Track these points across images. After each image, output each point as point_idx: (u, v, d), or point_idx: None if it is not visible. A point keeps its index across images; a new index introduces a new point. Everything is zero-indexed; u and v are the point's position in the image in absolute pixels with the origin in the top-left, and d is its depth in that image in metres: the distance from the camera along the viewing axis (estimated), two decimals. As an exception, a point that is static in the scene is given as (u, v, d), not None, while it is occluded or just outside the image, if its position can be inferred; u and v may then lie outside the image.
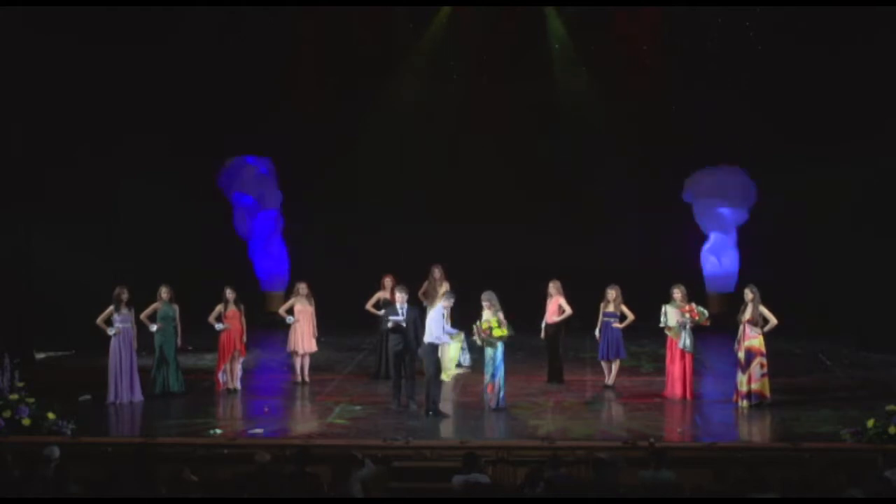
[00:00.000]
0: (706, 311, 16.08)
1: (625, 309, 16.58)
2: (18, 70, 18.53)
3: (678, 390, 15.90)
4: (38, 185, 19.10)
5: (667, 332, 16.05)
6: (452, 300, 15.60)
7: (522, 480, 11.11)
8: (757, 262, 20.93)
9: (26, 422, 13.88)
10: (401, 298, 15.61)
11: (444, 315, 15.42)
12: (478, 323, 15.30)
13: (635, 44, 22.37)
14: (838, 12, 19.54)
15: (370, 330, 17.96)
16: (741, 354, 15.42)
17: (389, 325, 15.56)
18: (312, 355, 17.27)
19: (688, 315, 15.77)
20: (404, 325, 15.41)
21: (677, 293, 16.03)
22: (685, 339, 15.84)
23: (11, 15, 18.20)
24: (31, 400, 14.14)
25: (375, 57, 22.59)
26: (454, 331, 15.81)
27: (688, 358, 15.91)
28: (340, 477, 11.04)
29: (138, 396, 15.97)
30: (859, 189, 19.73)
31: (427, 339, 15.27)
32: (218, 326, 16.49)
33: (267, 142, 22.16)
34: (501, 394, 15.35)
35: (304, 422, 15.39)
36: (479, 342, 15.50)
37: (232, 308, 16.56)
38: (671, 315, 15.93)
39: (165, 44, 20.34)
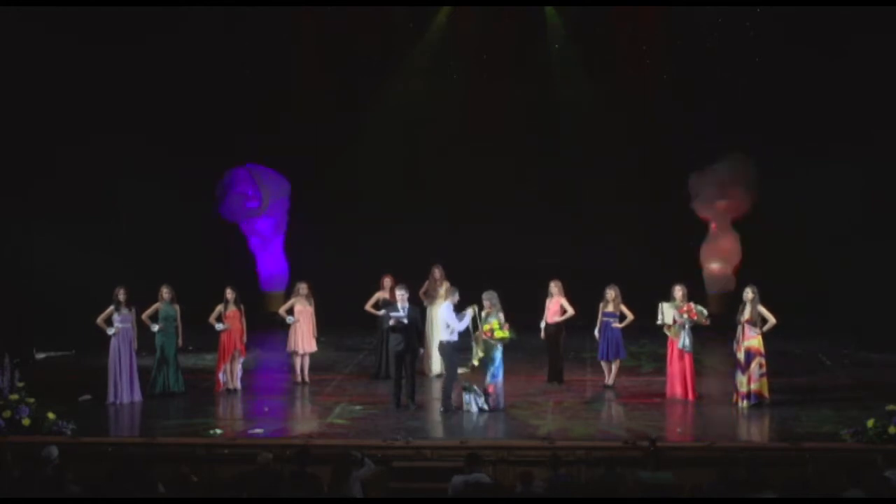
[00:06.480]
0: (705, 311, 16.04)
1: (624, 309, 16.57)
2: (19, 69, 18.54)
3: (678, 390, 15.88)
4: (38, 185, 19.10)
5: (666, 331, 16.03)
6: (457, 296, 15.61)
7: (519, 481, 11.10)
8: (757, 262, 20.94)
9: (26, 422, 13.89)
10: (401, 297, 15.62)
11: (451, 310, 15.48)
12: (478, 329, 15.32)
13: (635, 43, 22.38)
14: (839, 12, 19.54)
15: (370, 330, 17.97)
16: (740, 355, 15.41)
17: (391, 322, 15.55)
18: (312, 355, 17.27)
19: (685, 315, 15.75)
20: (405, 321, 15.41)
21: (678, 292, 15.98)
22: (684, 339, 15.82)
23: (10, 14, 18.21)
24: (31, 400, 14.16)
25: (375, 57, 22.60)
26: (465, 319, 15.68)
27: (687, 358, 15.89)
28: (340, 477, 11.03)
29: (138, 396, 15.97)
30: (859, 189, 19.73)
31: (445, 337, 15.32)
32: (218, 326, 16.49)
33: (267, 142, 22.15)
34: (501, 395, 15.36)
35: (304, 422, 15.38)
36: (480, 353, 15.46)
37: (232, 308, 16.56)
38: (668, 313, 15.88)
39: (165, 43, 20.36)
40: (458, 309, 15.51)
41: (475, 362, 15.52)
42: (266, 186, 22.24)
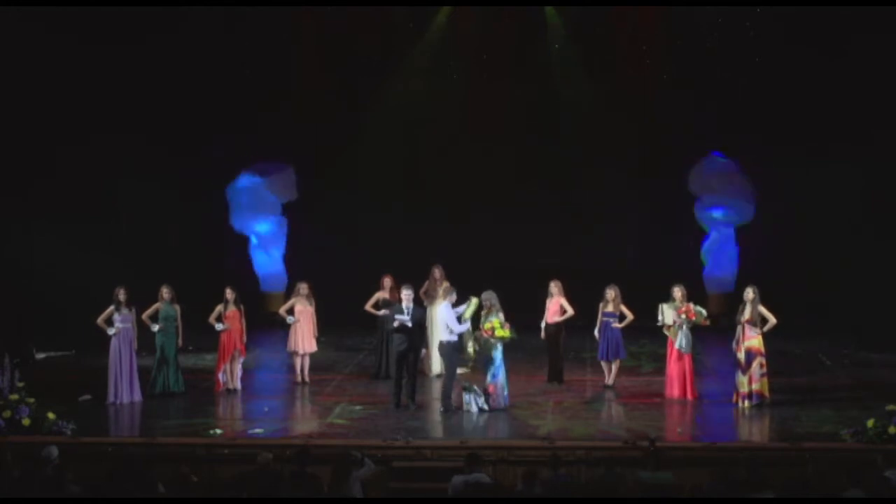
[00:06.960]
0: (704, 311, 16.03)
1: (624, 309, 16.57)
2: (19, 69, 18.55)
3: (676, 390, 15.88)
4: (38, 185, 19.11)
5: (665, 331, 16.04)
6: (454, 295, 15.63)
7: (520, 481, 11.11)
8: (757, 262, 20.94)
9: (26, 422, 13.89)
10: (406, 297, 15.59)
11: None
12: (478, 329, 15.32)
13: (635, 43, 22.38)
14: (839, 12, 19.55)
15: (370, 330, 17.97)
16: (741, 355, 15.39)
17: (395, 324, 15.53)
18: (312, 355, 17.27)
19: (684, 315, 15.75)
20: (410, 325, 15.41)
21: (678, 292, 15.99)
22: (681, 340, 15.81)
23: (10, 14, 18.22)
24: (31, 400, 14.15)
25: (375, 57, 22.61)
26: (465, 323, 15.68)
27: (686, 358, 15.88)
28: (340, 477, 11.03)
29: (138, 396, 15.96)
30: (859, 189, 19.73)
31: (445, 337, 15.33)
32: (218, 326, 16.49)
33: (267, 141, 22.15)
34: (505, 393, 15.37)
35: (304, 422, 15.38)
36: (477, 347, 15.44)
37: (232, 308, 16.55)
38: (668, 314, 15.89)
39: (165, 43, 20.36)
40: (455, 307, 15.51)
41: (470, 351, 15.48)
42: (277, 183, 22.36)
